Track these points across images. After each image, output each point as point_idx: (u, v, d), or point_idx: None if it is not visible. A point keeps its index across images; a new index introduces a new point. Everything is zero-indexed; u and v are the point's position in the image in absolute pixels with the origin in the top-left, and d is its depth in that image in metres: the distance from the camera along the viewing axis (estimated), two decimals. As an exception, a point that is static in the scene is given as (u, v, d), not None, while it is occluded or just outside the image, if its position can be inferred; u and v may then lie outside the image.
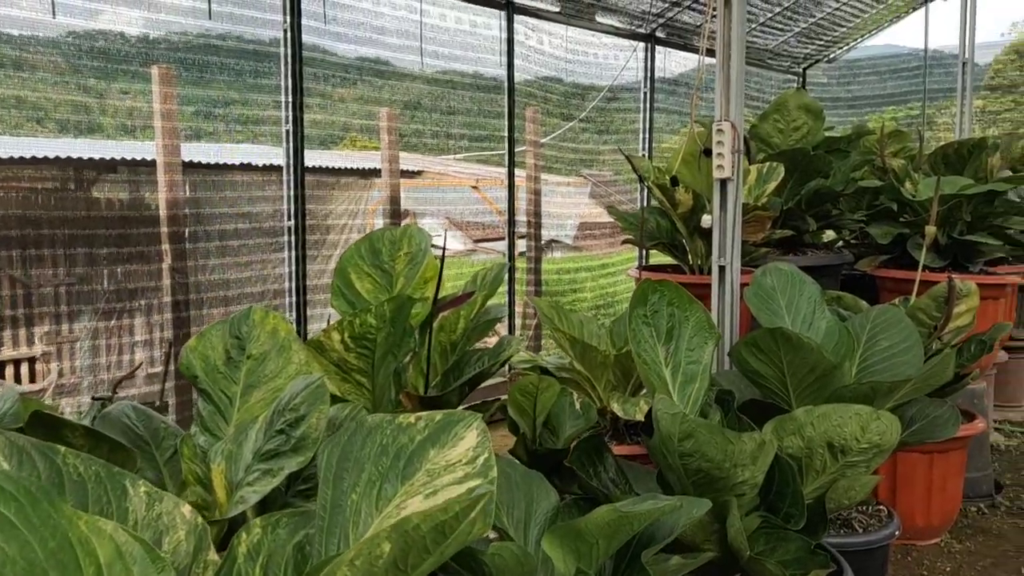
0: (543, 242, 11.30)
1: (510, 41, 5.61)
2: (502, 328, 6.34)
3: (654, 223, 4.05)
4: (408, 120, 7.00)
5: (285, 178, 4.44)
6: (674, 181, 3.48)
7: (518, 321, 6.64)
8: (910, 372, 2.82)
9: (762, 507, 2.00)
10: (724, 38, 3.11)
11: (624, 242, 4.34)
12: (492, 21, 5.51)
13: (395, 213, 6.35)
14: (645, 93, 7.08)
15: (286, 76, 4.30)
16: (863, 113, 10.29)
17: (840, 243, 4.95)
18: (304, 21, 4.33)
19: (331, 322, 2.33)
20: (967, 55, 5.71)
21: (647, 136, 7.13)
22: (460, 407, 2.86)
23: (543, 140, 7.23)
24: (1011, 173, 4.35)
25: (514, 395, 2.66)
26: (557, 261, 10.08)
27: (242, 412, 2.02)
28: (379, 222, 10.10)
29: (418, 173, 9.02)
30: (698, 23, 7.35)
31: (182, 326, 4.62)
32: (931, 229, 3.51)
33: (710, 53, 3.28)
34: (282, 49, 4.28)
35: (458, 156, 9.34)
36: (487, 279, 2.74)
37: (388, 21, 4.92)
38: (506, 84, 5.71)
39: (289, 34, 4.25)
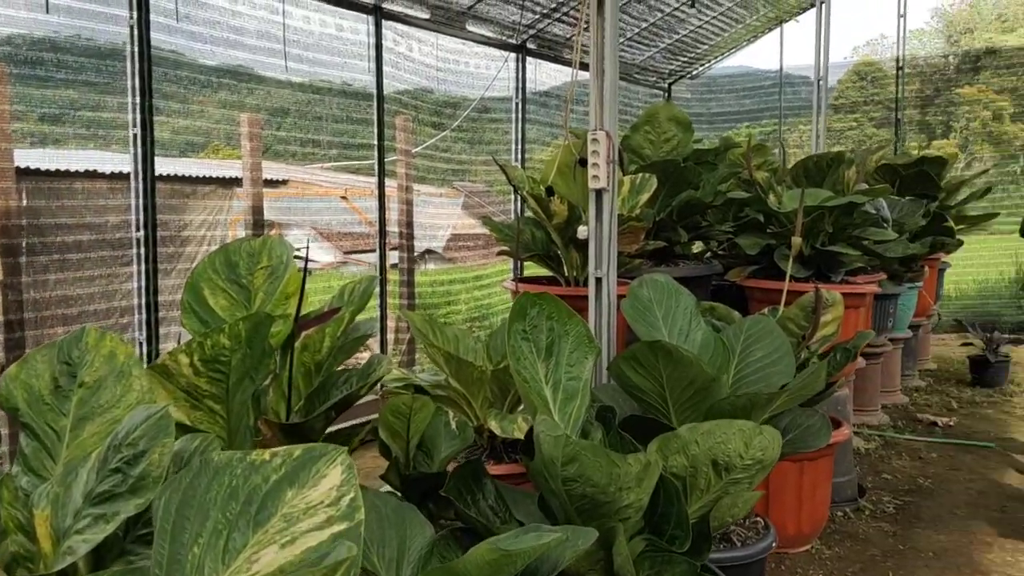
0: (416, 254, 11.10)
1: (378, 47, 5.44)
2: (374, 344, 6.13)
3: (529, 234, 3.97)
4: (274, 127, 6.70)
5: (133, 186, 4.10)
6: (549, 191, 3.41)
7: (391, 336, 6.44)
8: (783, 381, 2.84)
9: (647, 529, 1.93)
10: (598, 48, 3.07)
11: (499, 253, 4.24)
12: (359, 26, 5.32)
13: (258, 224, 6.03)
14: (517, 104, 7.04)
15: (133, 76, 3.97)
16: (723, 129, 10.68)
17: (710, 254, 5.04)
18: (154, 18, 4.01)
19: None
20: (822, 73, 5.96)
21: (519, 148, 7.09)
22: (327, 432, 2.66)
23: (415, 150, 7.08)
24: (867, 186, 4.53)
25: (386, 417, 2.50)
26: (431, 273, 9.92)
27: (72, 448, 1.78)
28: (241, 234, 9.67)
29: (283, 182, 8.67)
30: (568, 35, 7.40)
31: (16, 348, 4.18)
32: (797, 240, 3.58)
33: (583, 67, 3.23)
34: (129, 47, 3.96)
35: (326, 165, 9.05)
36: (355, 293, 2.57)
37: (247, 22, 4.65)
38: (375, 91, 5.53)
39: (136, 31, 3.93)
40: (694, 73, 9.59)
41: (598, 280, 3.15)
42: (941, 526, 3.69)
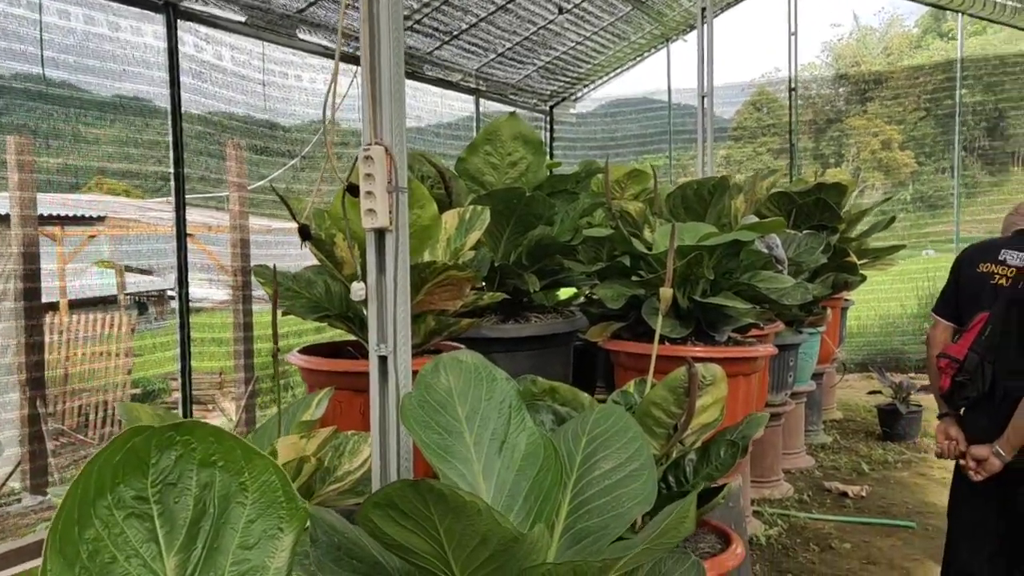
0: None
1: (172, 52, 4.40)
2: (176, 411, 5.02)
3: (323, 287, 2.99)
4: (77, 155, 5.55)
5: None
6: (304, 232, 2.43)
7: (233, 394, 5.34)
8: (640, 508, 1.94)
9: None
10: (371, 20, 2.15)
11: (285, 313, 3.24)
12: (144, 25, 4.28)
13: (31, 275, 4.86)
14: (367, 126, 6.08)
15: None
16: (619, 158, 10.00)
17: (580, 301, 4.16)
18: None
19: None
20: (706, 90, 5.22)
21: (371, 176, 6.13)
22: None
23: (256, 183, 6.05)
24: (756, 218, 3.74)
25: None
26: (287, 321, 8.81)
27: None
28: (73, 283, 8.36)
29: (100, 219, 7.48)
30: (430, 49, 6.52)
31: None
32: (667, 292, 2.71)
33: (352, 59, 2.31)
34: None
35: (161, 199, 7.92)
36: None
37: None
38: (170, 107, 4.48)
39: None
40: (578, 95, 8.84)
41: (382, 360, 2.20)
42: (863, 659, 2.85)
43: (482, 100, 7.42)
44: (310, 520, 1.75)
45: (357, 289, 2.23)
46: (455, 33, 6.38)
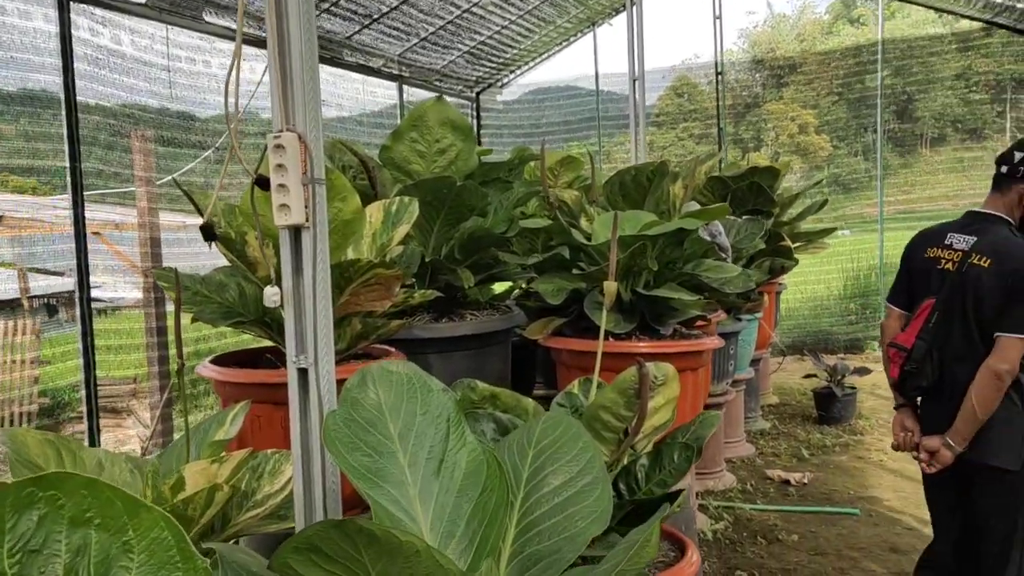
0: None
1: (65, 37, 4.03)
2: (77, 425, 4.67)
3: (237, 290, 2.74)
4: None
5: None
6: (208, 233, 2.18)
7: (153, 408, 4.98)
8: (595, 528, 1.79)
9: None
10: (276, -5, 1.90)
11: (195, 320, 2.96)
12: (32, 8, 3.90)
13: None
14: (285, 116, 5.77)
15: None
16: (547, 145, 9.83)
17: (516, 294, 3.97)
18: None
19: None
20: (638, 73, 5.08)
21: (290, 168, 5.82)
22: None
23: (166, 178, 5.67)
24: (697, 204, 3.61)
25: None
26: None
27: None
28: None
29: (-5, 219, 6.97)
30: (349, 33, 6.22)
31: None
32: (611, 285, 2.54)
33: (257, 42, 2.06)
34: None
35: (65, 196, 7.45)
36: None
37: None
38: (63, 96, 4.10)
39: None
40: (504, 81, 8.64)
41: (302, 373, 1.96)
42: (820, 659, 2.75)
43: (406, 87, 7.15)
44: (220, 561, 1.52)
45: (271, 294, 1.99)
46: (375, 16, 6.11)
